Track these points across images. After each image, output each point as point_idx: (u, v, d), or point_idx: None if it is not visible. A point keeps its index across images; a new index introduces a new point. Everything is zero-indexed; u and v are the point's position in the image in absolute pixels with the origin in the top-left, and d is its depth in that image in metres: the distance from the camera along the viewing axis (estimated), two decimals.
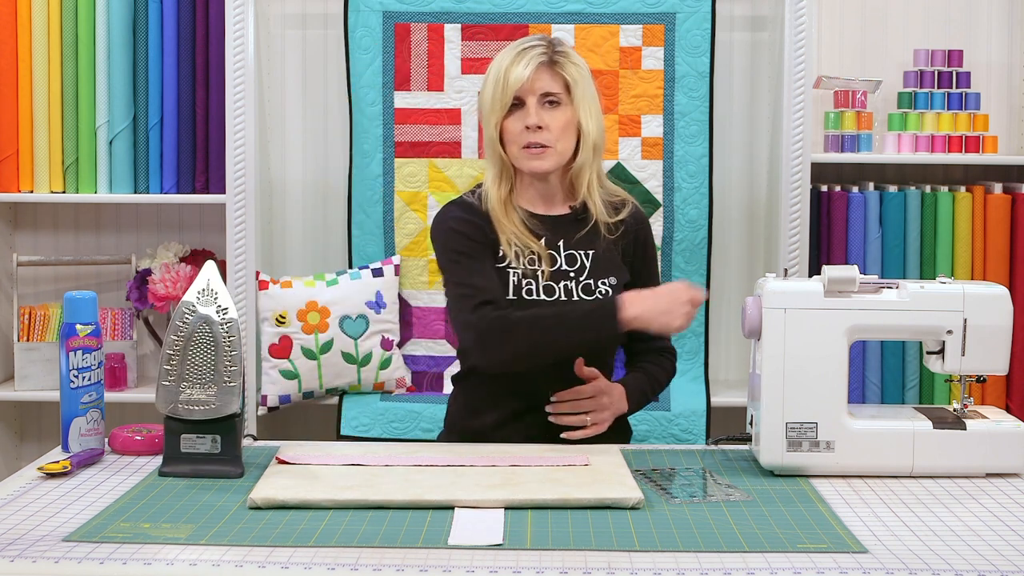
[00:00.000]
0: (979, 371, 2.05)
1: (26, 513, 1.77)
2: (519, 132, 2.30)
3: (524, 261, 2.31)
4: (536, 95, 2.30)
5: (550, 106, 2.31)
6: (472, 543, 1.63)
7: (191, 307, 1.98)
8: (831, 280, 2.00)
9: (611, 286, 2.34)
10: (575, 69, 2.33)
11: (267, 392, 3.16)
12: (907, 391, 3.21)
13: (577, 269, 2.34)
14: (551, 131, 2.30)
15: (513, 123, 2.31)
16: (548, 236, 2.35)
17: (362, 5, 3.22)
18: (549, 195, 2.39)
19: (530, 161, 2.31)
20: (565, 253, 2.35)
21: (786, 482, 1.97)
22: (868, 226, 3.19)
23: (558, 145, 2.31)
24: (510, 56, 2.32)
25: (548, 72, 2.32)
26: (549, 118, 2.30)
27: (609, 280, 2.34)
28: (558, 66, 2.32)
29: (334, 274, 3.22)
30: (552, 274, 2.32)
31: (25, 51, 3.23)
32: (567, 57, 2.34)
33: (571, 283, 2.32)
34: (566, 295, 2.31)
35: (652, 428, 3.13)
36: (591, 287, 2.33)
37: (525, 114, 2.30)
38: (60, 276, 3.48)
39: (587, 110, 2.33)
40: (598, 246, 2.36)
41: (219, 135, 3.21)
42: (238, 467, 1.97)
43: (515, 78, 2.29)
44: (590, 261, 2.35)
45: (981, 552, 1.62)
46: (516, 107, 2.31)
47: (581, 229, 2.36)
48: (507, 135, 2.32)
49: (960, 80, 3.27)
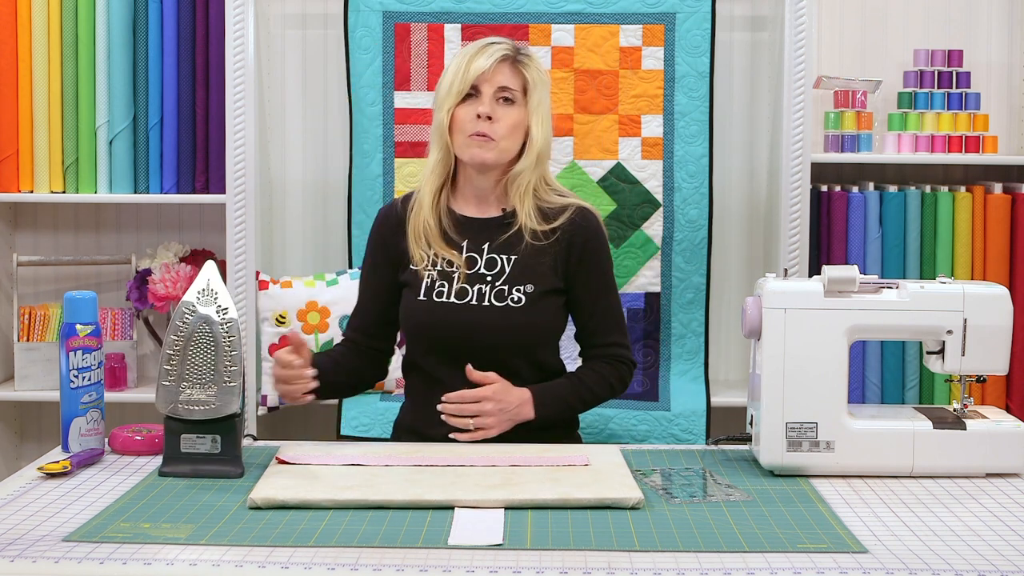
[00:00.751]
0: (979, 371, 2.05)
1: (26, 513, 1.77)
2: (469, 120, 2.34)
3: (442, 264, 2.38)
4: (493, 87, 2.34)
5: (504, 103, 2.35)
6: (472, 543, 1.63)
7: (191, 307, 1.98)
8: (831, 280, 2.00)
9: (526, 293, 2.34)
10: (536, 73, 2.39)
11: (267, 392, 3.15)
12: (907, 391, 3.21)
13: (495, 273, 2.37)
14: (500, 126, 2.34)
15: (464, 111, 2.35)
16: (472, 238, 2.39)
17: (362, 5, 3.22)
18: (483, 196, 2.42)
19: (473, 149, 2.34)
20: (487, 256, 2.38)
21: (786, 482, 1.97)
22: (868, 226, 3.19)
23: (503, 142, 2.34)
24: (474, 48, 2.38)
25: (509, 67, 2.36)
26: (501, 112, 2.34)
27: (525, 288, 2.35)
28: (520, 65, 2.37)
29: (334, 274, 3.22)
30: (468, 277, 2.36)
31: (25, 51, 3.23)
32: (530, 60, 2.40)
33: (485, 287, 2.36)
34: (478, 299, 2.35)
35: (652, 428, 3.13)
36: (504, 293, 2.35)
37: (478, 103, 2.34)
38: (60, 276, 3.48)
39: (539, 118, 2.38)
40: (522, 252, 2.37)
41: (219, 135, 3.21)
42: (238, 467, 1.97)
43: (476, 67, 2.34)
44: (511, 266, 2.37)
45: (981, 552, 1.62)
46: (471, 96, 2.35)
47: (506, 233, 2.39)
48: (456, 123, 2.35)
49: (960, 80, 3.27)
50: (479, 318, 2.34)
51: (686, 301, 3.24)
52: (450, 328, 2.35)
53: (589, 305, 2.42)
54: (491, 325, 2.34)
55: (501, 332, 2.34)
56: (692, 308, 3.25)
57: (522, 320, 2.34)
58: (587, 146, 3.21)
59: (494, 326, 2.34)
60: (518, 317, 2.34)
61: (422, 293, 2.37)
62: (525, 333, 2.36)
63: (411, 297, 2.40)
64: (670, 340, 3.25)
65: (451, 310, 2.35)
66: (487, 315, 2.34)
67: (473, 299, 2.35)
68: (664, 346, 3.26)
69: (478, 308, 2.35)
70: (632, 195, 3.20)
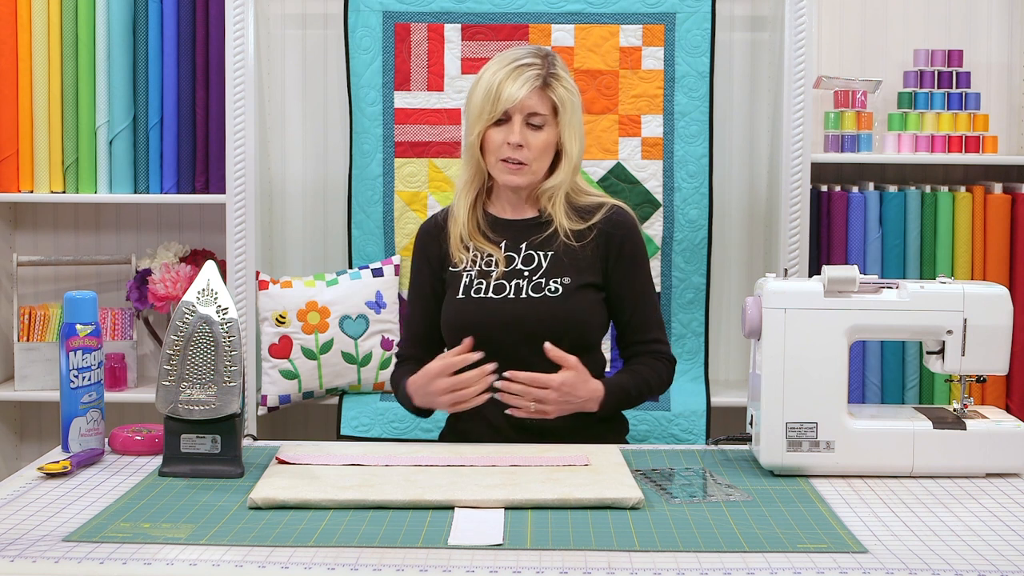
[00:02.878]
0: (979, 371, 2.05)
1: (26, 513, 1.77)
2: (500, 144, 2.37)
3: (481, 264, 2.40)
4: (523, 113, 2.36)
5: (533, 128, 2.37)
6: (472, 543, 1.63)
7: (191, 307, 1.98)
8: (831, 280, 2.00)
9: (563, 285, 2.36)
10: (565, 93, 2.39)
11: (267, 392, 3.16)
12: (907, 391, 3.21)
13: (532, 268, 2.39)
14: (530, 151, 2.37)
15: (496, 134, 2.37)
16: (510, 238, 2.43)
17: (362, 5, 3.22)
18: (518, 202, 2.46)
19: (507, 175, 2.39)
20: (524, 254, 2.41)
21: (786, 482, 1.97)
22: (868, 226, 3.19)
23: (534, 164, 2.38)
24: (506, 70, 2.37)
25: (539, 94, 2.37)
26: (532, 138, 2.37)
27: (563, 279, 2.37)
28: (549, 88, 2.38)
29: (334, 274, 3.23)
30: (506, 273, 2.39)
31: (25, 51, 3.23)
32: (559, 81, 2.39)
33: (523, 281, 2.38)
34: (515, 293, 2.37)
35: (652, 428, 3.13)
36: (541, 285, 2.37)
37: (509, 130, 2.36)
38: (60, 276, 3.48)
39: (572, 133, 2.40)
40: (558, 248, 2.40)
41: (219, 135, 3.21)
42: (238, 467, 1.97)
43: (507, 96, 2.35)
44: (547, 261, 2.40)
45: (981, 552, 1.62)
46: (502, 120, 2.37)
47: (543, 232, 2.42)
48: (488, 144, 2.39)
49: (960, 80, 3.27)
50: (516, 309, 2.35)
51: (686, 301, 3.24)
52: (487, 322, 2.35)
53: (630, 303, 2.43)
54: (529, 315, 2.34)
55: (539, 322, 2.34)
56: (692, 308, 3.25)
57: (561, 309, 2.35)
58: (587, 146, 3.21)
59: (532, 316, 2.34)
60: (556, 306, 2.35)
61: (461, 292, 2.40)
62: (564, 322, 2.35)
63: (450, 297, 2.42)
64: (670, 340, 3.25)
65: (488, 304, 2.37)
66: (524, 306, 2.36)
67: (510, 293, 2.37)
68: None
69: (515, 300, 2.37)
70: (632, 195, 3.20)
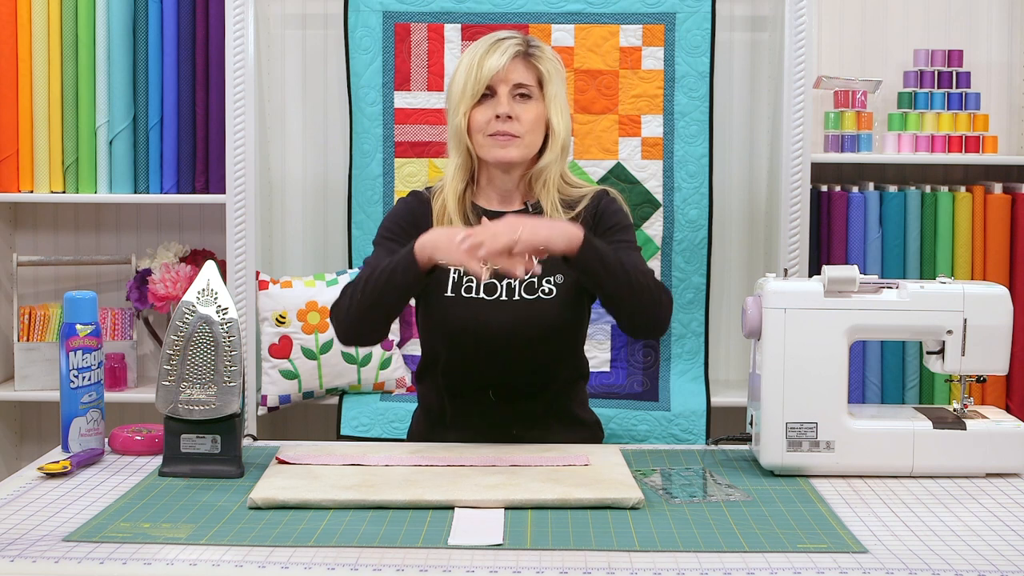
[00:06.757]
0: (979, 371, 2.05)
1: (26, 513, 1.77)
2: (487, 121, 2.27)
3: None
4: (509, 85, 2.28)
5: (521, 99, 2.29)
6: (472, 543, 1.63)
7: (191, 307, 1.98)
8: (831, 280, 2.00)
9: (556, 284, 2.28)
10: (550, 64, 2.32)
11: (267, 392, 3.16)
12: (907, 391, 3.21)
13: None
14: (521, 123, 2.27)
15: (481, 112, 2.28)
16: None
17: (362, 5, 3.22)
18: (507, 192, 2.35)
19: (496, 150, 2.28)
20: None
21: (786, 482, 1.96)
22: (868, 226, 3.19)
23: (527, 137, 2.28)
24: (484, 46, 2.30)
25: (522, 63, 2.30)
26: (520, 109, 2.28)
27: (555, 278, 2.28)
28: (533, 59, 2.31)
29: (334, 274, 3.23)
30: (496, 271, 2.20)
31: (25, 51, 3.23)
32: (542, 52, 2.32)
33: (515, 281, 2.27)
34: (508, 294, 2.28)
35: (652, 428, 3.13)
36: (534, 286, 2.29)
37: (496, 103, 2.27)
38: (60, 276, 3.48)
39: (557, 108, 2.31)
40: None
41: (219, 135, 3.21)
42: (238, 467, 1.97)
43: (489, 67, 2.26)
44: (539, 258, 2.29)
45: (981, 552, 1.62)
46: (486, 97, 2.29)
47: None
48: (474, 125, 2.29)
49: (960, 80, 3.27)
50: (511, 313, 2.26)
51: (686, 301, 3.24)
52: (480, 325, 2.26)
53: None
54: (524, 320, 2.26)
55: (534, 327, 2.26)
56: (692, 308, 3.25)
57: (555, 313, 2.27)
58: (587, 146, 3.21)
59: (527, 321, 2.26)
60: (551, 309, 2.27)
61: (449, 289, 2.29)
62: (560, 329, 2.29)
63: (436, 294, 2.30)
64: (670, 340, 3.25)
65: (480, 306, 2.27)
66: (519, 309, 2.26)
67: (503, 294, 2.28)
68: (664, 346, 3.26)
69: (508, 303, 2.27)
70: (632, 195, 3.20)
